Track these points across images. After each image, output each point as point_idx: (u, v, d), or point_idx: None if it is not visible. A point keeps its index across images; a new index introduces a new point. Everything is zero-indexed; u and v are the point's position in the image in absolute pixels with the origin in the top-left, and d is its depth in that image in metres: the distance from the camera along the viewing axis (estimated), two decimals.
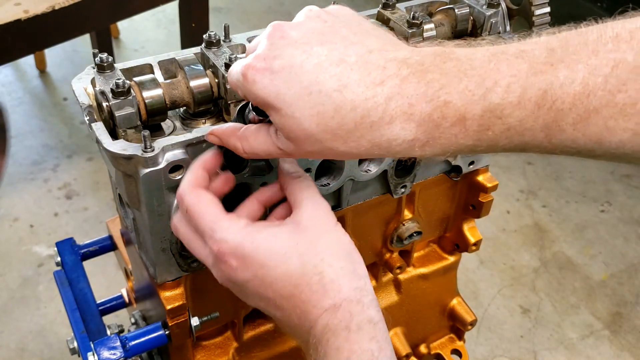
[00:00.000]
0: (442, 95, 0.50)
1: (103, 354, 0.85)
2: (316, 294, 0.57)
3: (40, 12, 1.60)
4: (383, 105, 0.51)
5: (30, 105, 2.95)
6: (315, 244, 0.59)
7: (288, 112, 0.53)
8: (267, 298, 0.60)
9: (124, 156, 0.67)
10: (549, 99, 0.49)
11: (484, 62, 0.51)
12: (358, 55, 0.52)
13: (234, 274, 0.60)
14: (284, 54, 0.53)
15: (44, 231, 2.34)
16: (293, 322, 0.60)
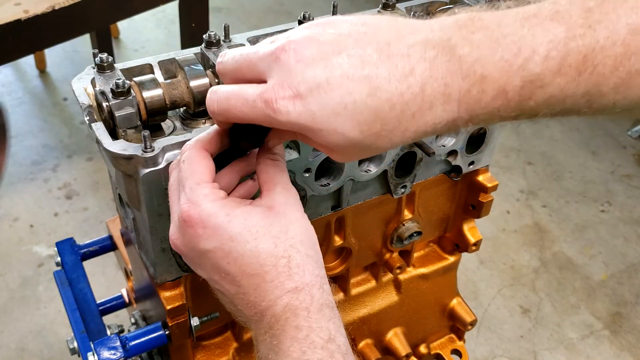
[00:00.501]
0: (477, 69, 0.48)
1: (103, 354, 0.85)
2: (281, 275, 0.58)
3: (40, 12, 1.60)
4: (420, 94, 0.50)
5: (30, 105, 2.95)
6: (287, 229, 0.60)
7: (330, 131, 0.52)
8: (226, 272, 0.59)
9: (124, 156, 0.67)
10: (589, 64, 0.47)
11: (517, 28, 0.48)
12: (378, 52, 0.51)
13: (197, 240, 0.59)
14: (307, 76, 0.51)
15: (44, 231, 2.34)
16: (247, 300, 0.59)
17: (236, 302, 0.61)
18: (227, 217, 0.58)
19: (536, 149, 2.85)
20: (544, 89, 0.48)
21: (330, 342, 0.56)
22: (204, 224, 0.58)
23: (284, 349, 0.56)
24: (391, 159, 0.89)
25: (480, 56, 0.48)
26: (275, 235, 0.59)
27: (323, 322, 0.57)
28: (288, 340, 0.56)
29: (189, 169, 0.61)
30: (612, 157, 2.84)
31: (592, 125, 3.00)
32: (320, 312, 0.58)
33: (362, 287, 1.12)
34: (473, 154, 0.99)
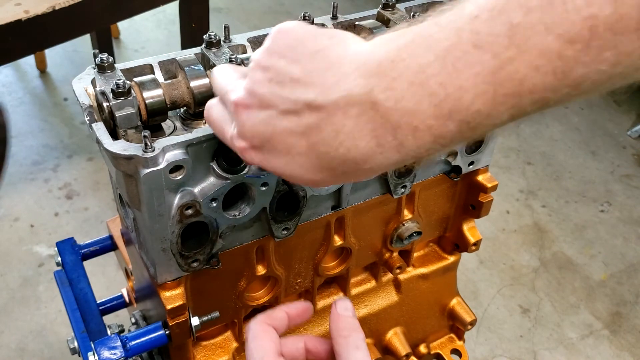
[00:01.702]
0: (406, 121, 0.46)
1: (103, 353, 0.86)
2: None
3: (41, 12, 1.60)
4: (353, 148, 0.49)
5: (30, 105, 2.95)
6: None
7: (292, 175, 0.54)
8: None
9: (125, 156, 0.67)
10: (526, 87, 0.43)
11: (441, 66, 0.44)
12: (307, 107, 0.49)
13: None
14: (255, 132, 0.53)
15: (44, 231, 2.34)
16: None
17: None
18: None
19: (536, 149, 2.86)
20: (483, 123, 0.45)
21: None
22: None
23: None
24: None
25: (407, 107, 0.45)
26: None
27: None
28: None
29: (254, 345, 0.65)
30: (612, 157, 2.84)
31: (592, 125, 3.00)
32: None
33: (362, 287, 1.12)
34: (473, 154, 0.99)
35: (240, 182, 0.75)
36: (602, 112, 3.10)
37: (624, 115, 3.08)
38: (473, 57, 0.42)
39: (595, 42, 0.40)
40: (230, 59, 0.74)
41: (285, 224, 0.85)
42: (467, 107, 0.43)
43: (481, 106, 0.43)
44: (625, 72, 0.41)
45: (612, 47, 0.40)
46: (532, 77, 0.42)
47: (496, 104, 0.43)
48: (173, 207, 0.74)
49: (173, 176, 0.71)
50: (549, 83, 0.42)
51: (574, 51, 0.40)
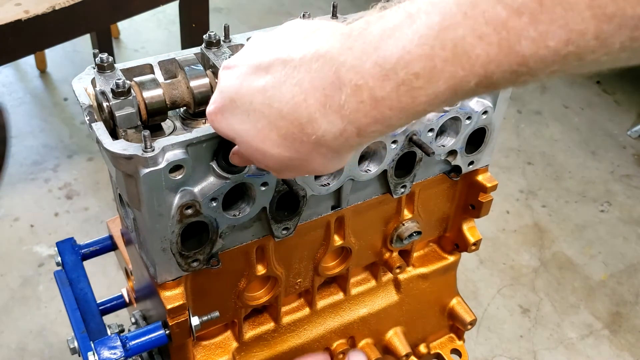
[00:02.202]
0: (352, 78, 0.46)
1: (103, 353, 0.86)
2: None
3: (41, 12, 1.60)
4: (303, 103, 0.49)
5: (30, 105, 2.95)
6: None
7: (243, 140, 0.55)
8: None
9: (125, 156, 0.67)
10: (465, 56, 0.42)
11: (394, 28, 0.44)
12: (278, 61, 0.51)
13: None
14: (224, 92, 0.56)
15: (44, 231, 2.34)
16: None
17: None
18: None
19: (536, 149, 2.86)
20: (423, 90, 0.43)
21: None
22: None
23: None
24: (391, 158, 0.89)
25: (355, 64, 0.45)
26: None
27: None
28: None
29: None
30: (612, 157, 2.84)
31: (592, 125, 3.01)
32: None
33: (362, 287, 1.12)
34: (472, 154, 0.99)
35: (240, 181, 0.75)
36: (602, 111, 3.10)
37: (624, 115, 3.08)
38: (422, 20, 0.42)
39: (544, 16, 0.38)
40: None
41: (285, 224, 0.85)
42: (405, 66, 0.43)
43: (420, 69, 0.42)
44: (580, 54, 0.39)
45: (562, 24, 0.38)
46: (475, 45, 0.41)
47: (436, 70, 0.42)
48: (173, 207, 0.74)
49: (173, 176, 0.71)
50: (493, 55, 0.40)
51: (520, 22, 0.39)
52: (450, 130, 0.94)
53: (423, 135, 0.89)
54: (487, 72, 0.41)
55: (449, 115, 0.90)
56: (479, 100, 0.93)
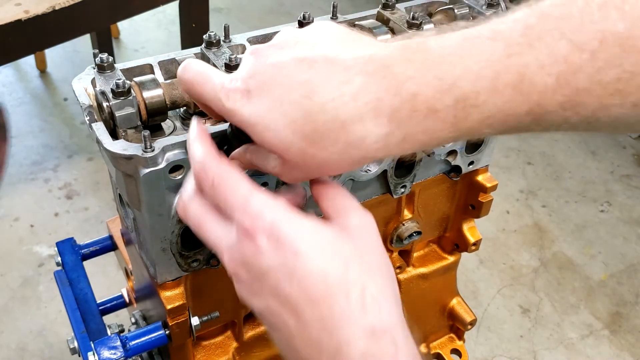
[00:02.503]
0: (410, 87, 0.48)
1: (103, 353, 0.86)
2: (354, 308, 0.47)
3: (41, 12, 1.60)
4: (350, 102, 0.49)
5: (30, 105, 2.95)
6: (362, 256, 0.51)
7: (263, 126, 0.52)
8: (286, 296, 0.48)
9: (124, 156, 0.67)
10: (526, 82, 0.45)
11: (456, 48, 0.47)
12: (324, 58, 0.51)
13: (258, 257, 0.49)
14: (258, 74, 0.53)
15: (44, 231, 2.34)
16: (309, 337, 0.48)
17: (296, 343, 0.49)
18: (293, 227, 0.49)
19: (536, 149, 2.86)
20: (479, 109, 0.47)
21: None
22: (268, 235, 0.49)
23: None
24: (391, 158, 0.89)
25: (414, 75, 0.48)
26: (348, 257, 0.49)
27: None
28: None
29: (228, 186, 0.53)
30: (612, 157, 2.84)
31: None
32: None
33: None
34: (472, 154, 0.99)
35: None
36: None
37: None
38: (486, 45, 0.46)
39: (602, 55, 0.42)
40: (230, 59, 0.74)
41: None
42: (468, 84, 0.46)
43: (481, 89, 0.46)
44: (625, 92, 0.43)
45: (617, 64, 0.42)
46: (536, 74, 0.44)
47: (496, 92, 0.46)
48: (173, 207, 0.74)
49: (173, 176, 0.71)
50: (550, 85, 0.44)
51: (580, 59, 0.43)
52: None
53: None
54: (540, 100, 0.45)
55: None
56: None
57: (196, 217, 0.56)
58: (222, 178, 0.53)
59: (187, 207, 0.57)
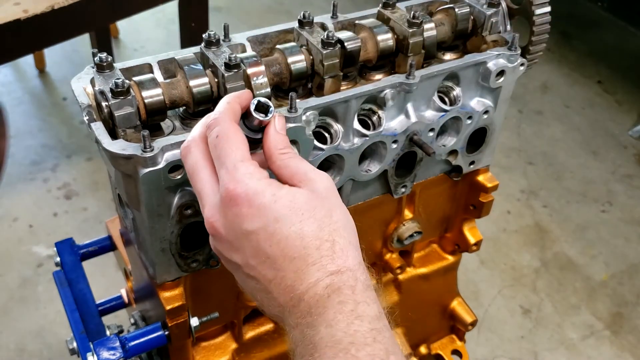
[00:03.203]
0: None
1: (102, 354, 0.85)
2: (324, 258, 0.57)
3: (40, 11, 1.60)
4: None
5: (29, 105, 2.94)
6: (330, 213, 0.60)
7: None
8: (267, 255, 0.58)
9: (124, 156, 0.67)
10: None
11: None
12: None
13: (241, 220, 0.58)
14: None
15: (43, 231, 2.34)
16: (284, 285, 0.58)
17: (271, 289, 0.59)
18: (273, 197, 0.58)
19: (537, 149, 2.85)
20: None
21: (378, 319, 0.56)
22: (249, 203, 0.57)
23: (327, 320, 0.55)
24: (391, 158, 0.89)
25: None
26: (320, 218, 0.59)
27: (370, 300, 0.57)
28: (331, 313, 0.55)
29: (227, 145, 0.59)
30: (613, 157, 2.84)
31: (593, 125, 3.00)
32: (366, 292, 0.57)
33: None
34: (473, 154, 0.98)
35: None
36: (604, 111, 3.09)
37: (625, 115, 3.07)
38: None
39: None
40: (229, 58, 0.74)
41: None
42: None
43: None
44: None
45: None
46: None
47: None
48: (172, 207, 0.74)
49: (172, 176, 0.70)
50: None
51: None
52: (451, 130, 0.94)
53: (424, 135, 0.88)
54: None
55: (450, 115, 0.89)
56: (479, 100, 0.92)
57: (194, 162, 0.62)
58: (225, 135, 0.60)
59: (189, 151, 0.63)
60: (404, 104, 0.85)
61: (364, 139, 0.83)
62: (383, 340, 0.54)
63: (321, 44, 0.79)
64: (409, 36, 0.84)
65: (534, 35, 0.93)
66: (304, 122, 0.75)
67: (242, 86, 0.75)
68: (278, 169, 0.62)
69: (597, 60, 3.38)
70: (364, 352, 0.53)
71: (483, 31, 0.92)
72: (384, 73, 0.89)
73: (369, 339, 0.54)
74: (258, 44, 0.87)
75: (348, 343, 0.53)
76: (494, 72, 0.88)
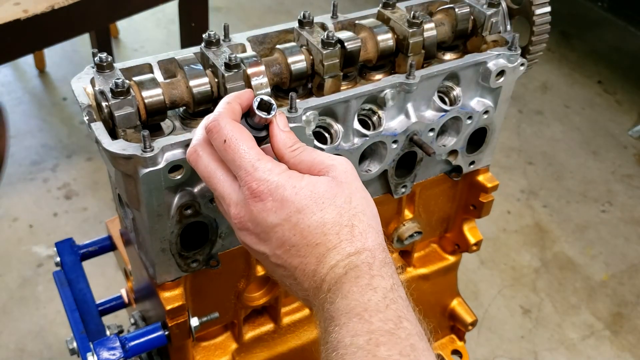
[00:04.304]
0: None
1: (102, 354, 0.85)
2: (344, 242, 0.61)
3: (40, 11, 1.60)
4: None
5: (29, 105, 2.94)
6: (351, 198, 0.62)
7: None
8: (292, 244, 0.61)
9: (124, 156, 0.67)
10: None
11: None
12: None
13: (266, 214, 0.61)
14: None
15: (43, 231, 2.34)
16: (308, 270, 0.61)
17: (297, 275, 0.62)
18: (294, 190, 0.61)
19: (537, 149, 2.85)
20: None
21: (392, 291, 0.59)
22: (273, 197, 0.60)
23: (343, 292, 0.57)
24: (391, 158, 0.89)
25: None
26: (340, 205, 0.62)
27: (385, 274, 0.60)
28: (347, 286, 0.58)
29: (238, 148, 0.61)
30: (613, 157, 2.84)
31: (593, 125, 3.00)
32: (383, 268, 0.60)
33: None
34: (473, 154, 0.98)
35: None
36: (604, 111, 3.09)
37: (625, 115, 3.07)
38: None
39: None
40: (229, 58, 0.74)
41: None
42: None
43: None
44: None
45: None
46: None
47: None
48: (172, 207, 0.74)
49: (172, 176, 0.70)
50: None
51: None
52: (451, 130, 0.94)
53: (424, 135, 0.88)
54: None
55: (450, 115, 0.89)
56: (479, 100, 0.92)
57: (207, 167, 0.64)
58: (232, 138, 0.61)
59: (199, 157, 0.64)
60: (404, 104, 0.85)
61: (364, 139, 0.83)
62: (396, 308, 0.58)
63: (321, 44, 0.79)
64: (409, 36, 0.84)
65: (534, 35, 0.93)
66: (304, 122, 0.75)
67: (242, 86, 0.75)
68: (294, 167, 0.64)
69: (597, 60, 3.38)
70: (377, 318, 0.56)
71: (483, 31, 0.92)
72: (384, 73, 0.89)
73: (382, 307, 0.57)
74: (258, 44, 0.87)
75: (362, 310, 0.56)
76: (494, 72, 0.88)
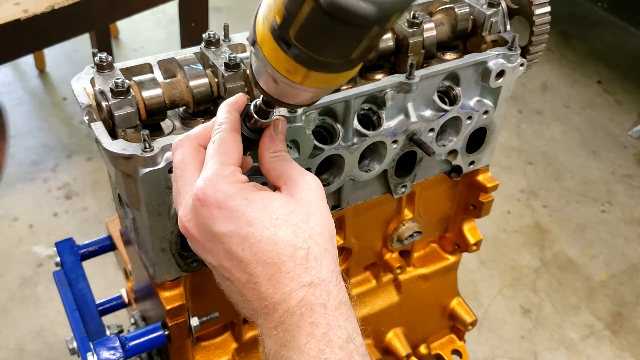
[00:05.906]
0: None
1: (102, 354, 0.85)
2: (298, 267, 0.57)
3: (40, 11, 1.60)
4: None
5: (29, 105, 2.94)
6: (308, 218, 0.59)
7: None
8: (239, 258, 0.58)
9: (124, 156, 0.67)
10: None
11: None
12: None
13: (211, 222, 0.57)
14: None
15: (43, 231, 2.34)
16: (257, 291, 0.58)
17: (245, 293, 0.59)
18: (246, 201, 0.57)
19: (537, 148, 2.85)
20: None
21: (348, 342, 0.56)
22: (219, 205, 0.57)
23: (299, 345, 0.55)
24: (391, 158, 0.89)
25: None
26: (295, 224, 0.58)
27: (341, 320, 0.57)
28: (304, 337, 0.55)
29: (217, 148, 0.59)
30: (613, 157, 2.84)
31: (592, 125, 3.00)
32: (338, 310, 0.57)
33: (363, 287, 1.11)
34: (473, 154, 0.98)
35: None
36: (604, 111, 3.09)
37: (625, 115, 3.07)
38: None
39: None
40: (229, 58, 0.74)
41: None
42: None
43: None
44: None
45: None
46: None
47: None
48: (172, 207, 0.74)
49: None
50: None
51: None
52: (451, 130, 0.94)
53: (424, 135, 0.88)
54: None
55: (450, 115, 0.89)
56: (479, 100, 0.92)
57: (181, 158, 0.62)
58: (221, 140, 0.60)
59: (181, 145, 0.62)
60: (404, 103, 0.85)
61: (363, 139, 0.83)
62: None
63: None
64: (409, 36, 0.84)
65: (534, 35, 0.93)
66: (304, 122, 0.75)
67: (242, 86, 0.75)
68: (267, 171, 0.63)
69: (597, 60, 3.38)
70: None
71: (483, 31, 0.92)
72: (384, 73, 0.89)
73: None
74: None
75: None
76: (493, 72, 0.88)
